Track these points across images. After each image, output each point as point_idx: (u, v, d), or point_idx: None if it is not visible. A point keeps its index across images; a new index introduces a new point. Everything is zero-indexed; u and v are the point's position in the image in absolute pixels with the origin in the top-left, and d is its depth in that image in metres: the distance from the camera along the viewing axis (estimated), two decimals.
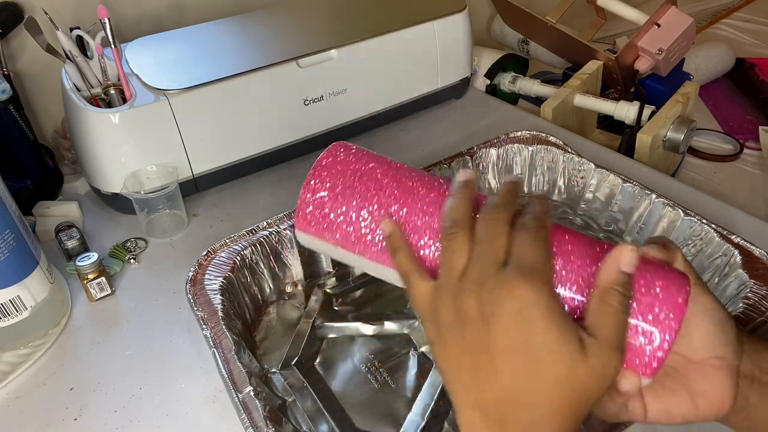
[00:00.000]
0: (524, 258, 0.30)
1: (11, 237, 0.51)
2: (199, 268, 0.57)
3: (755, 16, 1.40)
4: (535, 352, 0.28)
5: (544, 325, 0.28)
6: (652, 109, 0.84)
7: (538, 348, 0.28)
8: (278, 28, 0.81)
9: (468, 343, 0.30)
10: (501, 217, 0.31)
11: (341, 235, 0.36)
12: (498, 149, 0.72)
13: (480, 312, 0.29)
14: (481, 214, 0.32)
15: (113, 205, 0.72)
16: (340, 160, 0.37)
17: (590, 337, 0.29)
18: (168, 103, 0.66)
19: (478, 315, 0.29)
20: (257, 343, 0.58)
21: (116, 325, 0.58)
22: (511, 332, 0.28)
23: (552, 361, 0.28)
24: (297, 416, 0.51)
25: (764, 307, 0.51)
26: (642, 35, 0.88)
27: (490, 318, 0.29)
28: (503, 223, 0.31)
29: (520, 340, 0.28)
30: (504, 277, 0.29)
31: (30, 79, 0.80)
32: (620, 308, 0.29)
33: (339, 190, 0.36)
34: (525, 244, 0.30)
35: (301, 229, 0.37)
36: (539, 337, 0.28)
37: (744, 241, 0.56)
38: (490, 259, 0.30)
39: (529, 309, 0.28)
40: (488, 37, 1.24)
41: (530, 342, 0.28)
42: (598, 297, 0.30)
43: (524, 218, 0.31)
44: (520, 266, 0.29)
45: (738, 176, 0.95)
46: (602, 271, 0.30)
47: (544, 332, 0.28)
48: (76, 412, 0.51)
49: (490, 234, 0.31)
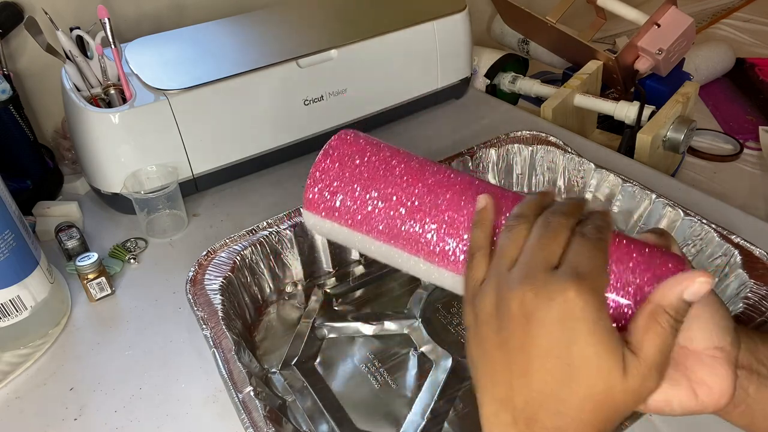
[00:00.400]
0: (579, 264, 0.29)
1: (11, 237, 0.51)
2: (199, 268, 0.57)
3: (755, 16, 1.40)
4: (574, 361, 0.27)
5: (588, 335, 0.27)
6: (652, 109, 0.84)
7: (578, 358, 0.27)
8: (278, 28, 0.81)
9: (504, 338, 0.29)
10: (563, 222, 0.31)
11: (349, 215, 0.36)
12: (498, 149, 0.72)
13: (522, 309, 0.28)
14: (544, 214, 0.32)
15: (113, 205, 0.72)
16: (350, 141, 0.37)
17: (632, 354, 0.28)
18: (168, 103, 0.66)
19: (519, 312, 0.29)
20: (257, 343, 0.58)
21: (116, 325, 0.58)
22: (553, 336, 0.28)
23: (590, 374, 0.27)
24: (297, 416, 0.51)
25: (764, 307, 0.51)
26: (642, 35, 0.88)
27: (532, 317, 0.28)
28: (564, 227, 0.30)
29: (561, 346, 0.28)
30: (554, 279, 0.28)
31: (30, 79, 0.80)
32: (670, 330, 0.28)
33: (348, 170, 0.36)
34: (581, 252, 0.29)
35: (310, 209, 0.37)
36: (581, 347, 0.27)
37: (744, 241, 0.56)
38: (542, 257, 0.29)
39: (575, 316, 0.27)
40: (488, 37, 1.24)
41: (571, 350, 0.27)
42: (649, 314, 0.29)
43: (585, 227, 0.31)
44: (574, 271, 0.28)
45: (738, 176, 0.95)
46: (662, 289, 0.29)
47: (587, 343, 0.27)
48: (76, 412, 0.51)
49: (548, 234, 0.30)
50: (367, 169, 0.36)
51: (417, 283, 0.64)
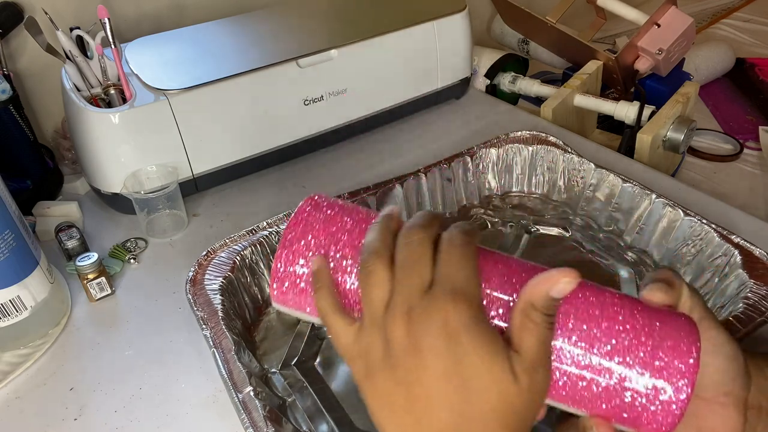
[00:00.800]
0: (449, 277, 0.28)
1: (11, 237, 0.51)
2: (199, 268, 0.57)
3: (755, 16, 1.40)
4: (466, 376, 0.27)
5: (472, 346, 0.27)
6: (652, 109, 0.84)
7: (470, 371, 0.27)
8: (278, 28, 0.81)
9: (401, 377, 0.29)
10: (421, 237, 0.29)
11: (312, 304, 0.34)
12: (498, 149, 0.72)
13: (410, 342, 0.28)
14: (400, 238, 0.30)
15: (113, 205, 0.72)
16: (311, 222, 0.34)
17: (515, 353, 0.28)
18: (168, 103, 0.66)
19: (408, 346, 0.28)
20: (257, 343, 0.58)
21: (116, 325, 0.58)
22: (443, 358, 0.27)
23: (484, 385, 0.27)
24: (297, 416, 0.51)
25: (764, 307, 0.51)
26: (642, 35, 0.88)
27: (421, 346, 0.28)
28: (424, 243, 0.29)
29: (453, 365, 0.27)
30: (430, 300, 0.28)
31: (30, 79, 0.80)
32: (543, 325, 0.28)
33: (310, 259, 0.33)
34: (450, 262, 0.29)
35: (279, 302, 0.36)
36: (469, 359, 0.27)
37: (744, 241, 0.56)
38: (415, 284, 0.28)
39: (456, 330, 0.27)
40: (488, 37, 1.24)
41: (462, 366, 0.27)
42: (520, 312, 0.29)
43: (447, 233, 0.30)
44: (446, 287, 0.28)
45: (738, 176, 0.95)
46: (530, 287, 0.29)
47: (473, 354, 0.27)
48: (76, 412, 0.51)
49: (412, 257, 0.29)
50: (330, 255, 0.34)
51: None
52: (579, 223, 0.69)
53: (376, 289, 0.30)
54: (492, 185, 0.73)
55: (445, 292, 0.28)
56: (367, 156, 0.81)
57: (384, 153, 0.82)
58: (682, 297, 0.31)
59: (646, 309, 0.30)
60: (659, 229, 0.62)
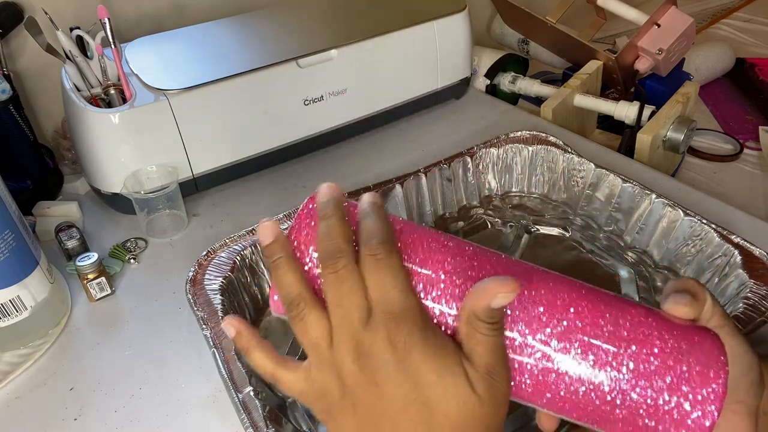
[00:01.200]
0: (385, 299, 0.27)
1: (11, 237, 0.51)
2: (199, 268, 0.57)
3: (755, 16, 1.40)
4: (426, 395, 0.27)
5: (425, 364, 0.27)
6: (652, 109, 0.84)
7: (428, 389, 0.27)
8: (278, 28, 0.81)
9: (363, 413, 0.28)
10: (345, 264, 0.28)
11: None
12: (498, 149, 0.72)
13: (364, 375, 0.28)
14: (323, 271, 0.28)
15: (113, 205, 0.72)
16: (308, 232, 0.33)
17: (469, 363, 0.28)
18: (168, 103, 0.66)
19: (364, 380, 0.28)
20: None
21: (116, 325, 0.58)
22: (400, 383, 0.27)
23: (444, 401, 0.27)
24: (297, 416, 0.51)
25: (764, 307, 0.51)
26: (642, 35, 0.88)
27: (376, 378, 0.27)
28: (351, 270, 0.28)
29: (411, 388, 0.27)
30: (374, 329, 0.27)
31: (30, 79, 0.80)
32: (490, 333, 0.27)
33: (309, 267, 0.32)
34: (379, 283, 0.27)
35: (279, 312, 0.35)
36: (424, 377, 0.27)
37: (744, 241, 0.56)
38: (354, 318, 0.28)
39: (405, 353, 0.27)
40: (488, 37, 1.24)
41: (419, 387, 0.27)
42: (466, 322, 0.28)
43: (368, 246, 0.28)
44: (384, 311, 0.27)
45: (738, 176, 0.95)
46: (470, 298, 0.28)
47: (427, 372, 0.27)
48: (76, 412, 0.51)
49: (341, 292, 0.28)
50: None
51: None
52: (579, 223, 0.69)
53: (313, 332, 0.29)
54: (492, 185, 0.73)
55: (386, 317, 0.27)
56: (367, 156, 0.81)
57: (384, 153, 0.82)
58: (705, 307, 0.31)
59: (671, 326, 0.29)
60: (659, 229, 0.62)
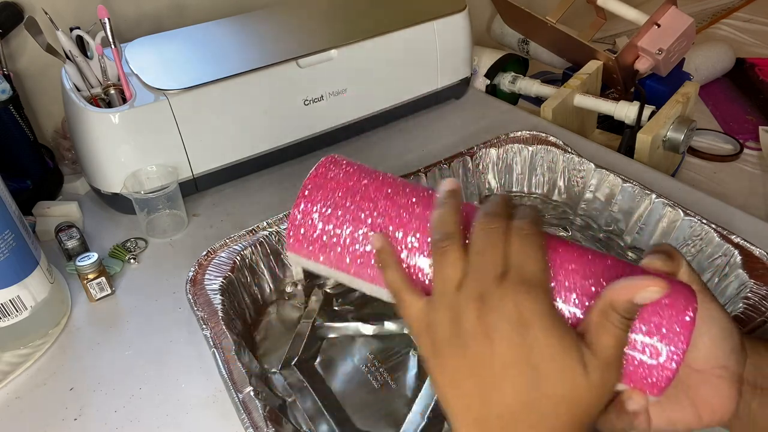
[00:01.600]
0: (523, 267, 0.29)
1: (11, 237, 0.51)
2: (199, 268, 0.57)
3: (755, 16, 1.40)
4: (537, 366, 0.28)
5: (545, 336, 0.28)
6: (652, 109, 0.84)
7: (541, 360, 0.28)
8: (278, 28, 0.81)
9: (469, 358, 0.29)
10: (497, 227, 0.30)
11: (334, 255, 0.35)
12: (498, 149, 0.72)
13: (481, 326, 0.29)
14: (477, 224, 0.31)
15: (113, 205, 0.72)
16: (331, 177, 0.36)
17: (588, 350, 0.28)
18: (168, 103, 0.66)
19: (479, 329, 0.29)
20: (257, 343, 0.58)
21: (116, 325, 0.58)
22: (515, 346, 0.28)
23: (554, 377, 0.28)
24: (297, 416, 0.51)
25: (764, 307, 0.51)
26: (642, 35, 0.88)
27: (493, 332, 0.28)
28: (500, 232, 0.30)
29: (523, 351, 0.28)
30: (505, 289, 0.28)
31: (30, 79, 0.80)
32: (622, 328, 0.28)
33: (330, 209, 0.35)
34: (523, 253, 0.29)
35: (293, 251, 0.37)
36: (541, 348, 0.28)
37: (744, 241, 0.56)
38: (489, 271, 0.29)
39: (529, 319, 0.28)
40: (488, 37, 1.24)
41: (532, 353, 0.28)
42: (600, 312, 0.29)
43: (519, 222, 0.30)
44: (520, 276, 0.29)
45: (738, 176, 0.95)
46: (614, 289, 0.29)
47: (545, 344, 0.28)
48: (76, 412, 0.51)
49: (487, 245, 0.30)
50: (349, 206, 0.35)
51: None
52: (579, 223, 0.69)
53: (450, 269, 0.30)
54: (492, 185, 0.73)
55: (520, 281, 0.28)
56: (367, 156, 0.81)
57: (384, 153, 0.82)
58: (681, 269, 0.32)
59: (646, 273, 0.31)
60: (659, 229, 0.62)
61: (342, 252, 0.35)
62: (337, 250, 0.35)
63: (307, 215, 0.35)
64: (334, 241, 0.35)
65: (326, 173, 0.36)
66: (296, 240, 0.36)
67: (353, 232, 0.35)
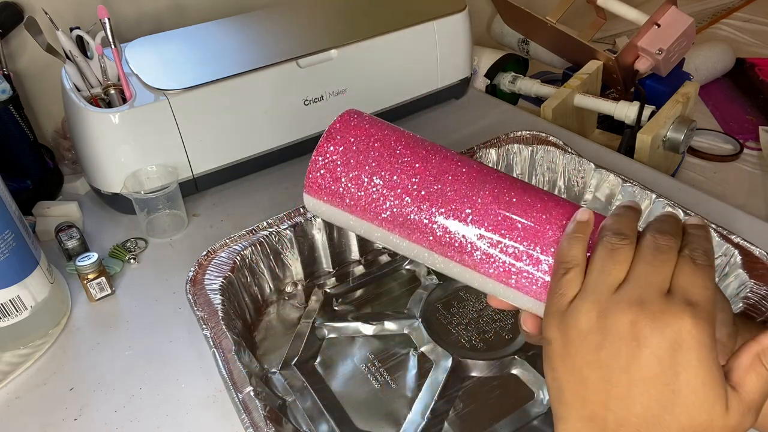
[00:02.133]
0: (692, 293, 0.28)
1: (11, 237, 0.51)
2: (199, 268, 0.57)
3: (755, 16, 1.40)
4: (681, 389, 0.27)
5: (698, 366, 0.27)
6: (652, 109, 0.85)
7: (685, 387, 0.27)
8: (278, 28, 0.81)
9: (604, 358, 0.29)
10: (672, 245, 0.30)
11: (352, 201, 0.35)
12: (498, 149, 0.72)
13: (633, 332, 0.28)
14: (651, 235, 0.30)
15: (113, 205, 0.72)
16: (354, 125, 0.36)
17: (734, 391, 0.28)
18: (168, 103, 0.66)
19: (629, 335, 0.28)
20: (257, 343, 0.58)
21: (116, 325, 0.58)
22: (663, 362, 0.28)
23: (694, 405, 0.27)
24: (297, 416, 0.51)
25: (764, 307, 0.51)
26: (642, 35, 0.88)
27: (644, 341, 0.28)
28: (673, 251, 0.30)
29: (669, 373, 0.27)
30: (670, 305, 0.28)
31: (30, 79, 0.80)
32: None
33: (352, 154, 0.35)
34: (693, 280, 0.29)
35: (311, 194, 0.36)
36: (689, 376, 0.27)
37: (744, 241, 0.56)
38: (656, 282, 0.29)
39: (688, 345, 0.27)
40: (488, 37, 1.24)
41: (678, 378, 0.27)
42: (755, 355, 0.29)
43: (694, 252, 0.30)
44: (688, 300, 0.28)
45: (738, 176, 0.95)
46: None
47: (695, 374, 0.27)
48: (76, 412, 0.51)
49: (660, 259, 0.29)
50: (372, 153, 0.35)
51: (417, 283, 0.64)
52: None
53: (616, 268, 0.30)
54: None
55: (686, 303, 0.28)
56: None
57: None
58: None
59: None
60: None
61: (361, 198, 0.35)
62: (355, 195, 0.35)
63: (329, 156, 0.35)
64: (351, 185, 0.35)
65: (350, 121, 0.36)
66: (315, 183, 0.36)
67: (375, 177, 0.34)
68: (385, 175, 0.35)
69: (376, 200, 0.35)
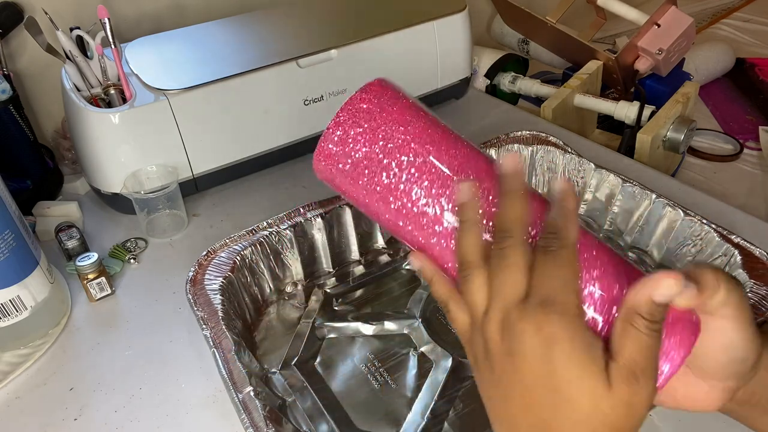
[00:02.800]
0: (544, 289, 0.28)
1: (11, 237, 0.51)
2: (199, 268, 0.57)
3: (755, 16, 1.40)
4: (559, 389, 0.28)
5: (567, 359, 0.27)
6: (652, 109, 0.85)
7: (562, 382, 0.28)
8: (278, 28, 0.81)
9: (497, 376, 0.30)
10: (512, 243, 0.29)
11: (359, 177, 0.35)
12: (498, 149, 0.72)
13: (504, 348, 0.29)
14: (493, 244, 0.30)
15: (113, 205, 0.72)
16: (375, 101, 0.35)
17: (613, 361, 0.28)
18: (168, 103, 0.66)
19: (503, 350, 0.29)
20: (257, 343, 0.58)
21: (116, 325, 0.58)
22: (536, 367, 0.28)
23: (574, 396, 0.27)
24: (297, 416, 0.51)
25: (764, 307, 0.51)
26: (642, 35, 0.88)
27: (515, 354, 0.29)
28: (516, 250, 0.29)
29: (545, 375, 0.28)
30: (525, 312, 0.28)
31: (30, 79, 0.80)
32: (647, 333, 0.27)
33: (366, 130, 0.35)
34: (545, 273, 0.29)
35: (322, 157, 0.36)
36: (563, 371, 0.27)
37: (744, 241, 0.56)
38: (508, 293, 0.29)
39: (551, 343, 0.28)
40: (488, 37, 1.24)
41: (554, 376, 0.28)
42: (623, 318, 0.28)
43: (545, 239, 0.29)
44: (538, 297, 0.28)
45: (738, 176, 0.95)
46: (632, 293, 0.28)
47: (567, 366, 0.27)
48: (76, 412, 0.51)
49: (503, 267, 0.29)
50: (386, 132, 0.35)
51: (417, 283, 0.64)
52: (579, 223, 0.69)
53: (474, 296, 0.31)
54: None
55: (537, 303, 0.28)
56: None
57: None
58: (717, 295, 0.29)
59: None
60: (659, 229, 0.62)
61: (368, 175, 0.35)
62: (364, 172, 0.35)
63: (342, 128, 0.35)
64: (362, 162, 0.35)
65: (371, 94, 0.35)
66: (326, 153, 0.36)
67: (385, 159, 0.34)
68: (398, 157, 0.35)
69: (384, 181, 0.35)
